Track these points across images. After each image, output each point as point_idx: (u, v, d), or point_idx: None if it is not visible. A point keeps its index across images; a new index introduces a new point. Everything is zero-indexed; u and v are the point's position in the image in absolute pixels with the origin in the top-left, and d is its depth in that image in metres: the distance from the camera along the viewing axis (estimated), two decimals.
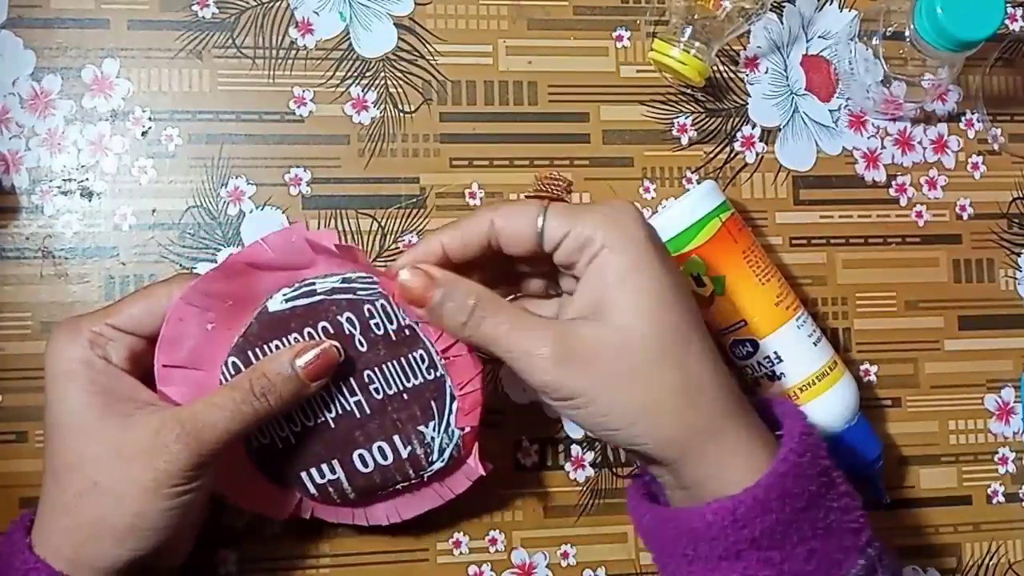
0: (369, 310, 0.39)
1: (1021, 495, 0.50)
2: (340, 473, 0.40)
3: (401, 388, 0.40)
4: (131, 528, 0.35)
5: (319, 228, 0.46)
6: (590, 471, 0.47)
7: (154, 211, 0.46)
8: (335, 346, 0.38)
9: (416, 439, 0.41)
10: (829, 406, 0.45)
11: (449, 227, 0.37)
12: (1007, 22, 0.52)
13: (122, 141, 0.46)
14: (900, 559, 0.49)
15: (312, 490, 0.41)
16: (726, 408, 0.35)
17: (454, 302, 0.35)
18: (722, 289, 0.45)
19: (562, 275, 0.38)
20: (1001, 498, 0.50)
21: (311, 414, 0.40)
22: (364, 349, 0.39)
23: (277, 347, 0.39)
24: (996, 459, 0.50)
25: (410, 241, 0.47)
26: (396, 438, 0.40)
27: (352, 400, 0.40)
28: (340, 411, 0.40)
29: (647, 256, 0.34)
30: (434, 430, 0.40)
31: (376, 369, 0.40)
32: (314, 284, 0.39)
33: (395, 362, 0.40)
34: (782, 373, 0.45)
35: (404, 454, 0.40)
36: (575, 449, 0.47)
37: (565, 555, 0.47)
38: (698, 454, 0.34)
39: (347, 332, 0.39)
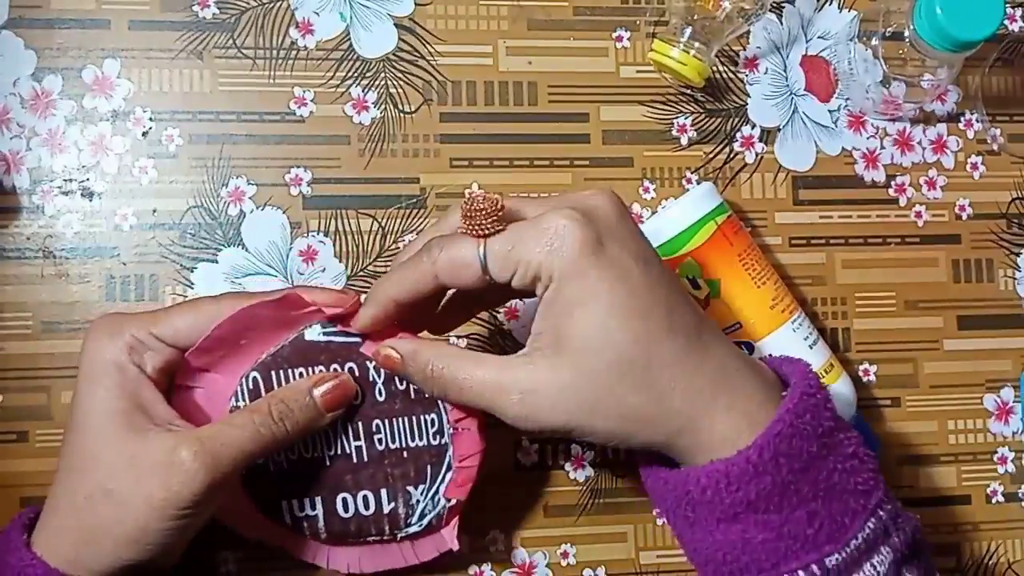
0: None
1: (1020, 495, 0.50)
2: (319, 511, 0.40)
3: (403, 445, 0.40)
4: (134, 540, 0.35)
5: (319, 229, 0.47)
6: (590, 471, 0.47)
7: (155, 211, 0.46)
8: (351, 381, 0.39)
9: (402, 498, 0.41)
10: None
11: (395, 279, 0.37)
12: (1006, 22, 0.52)
13: (123, 141, 0.46)
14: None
15: (288, 520, 0.40)
16: (699, 401, 0.34)
17: (419, 374, 0.37)
18: (717, 292, 0.45)
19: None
20: (1000, 498, 0.50)
21: (311, 447, 0.40)
22: (381, 399, 0.40)
23: (301, 374, 0.39)
24: (995, 459, 0.50)
25: (410, 241, 0.47)
26: (383, 491, 0.40)
27: (354, 444, 0.40)
28: (339, 451, 0.40)
29: (595, 279, 0.33)
30: (422, 494, 0.41)
31: (386, 420, 0.40)
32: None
33: (406, 419, 0.40)
34: None
35: (386, 509, 0.41)
36: (575, 449, 0.47)
37: (565, 554, 0.47)
38: (686, 438, 0.35)
39: (371, 379, 0.40)
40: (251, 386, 0.39)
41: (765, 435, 0.33)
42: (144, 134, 0.46)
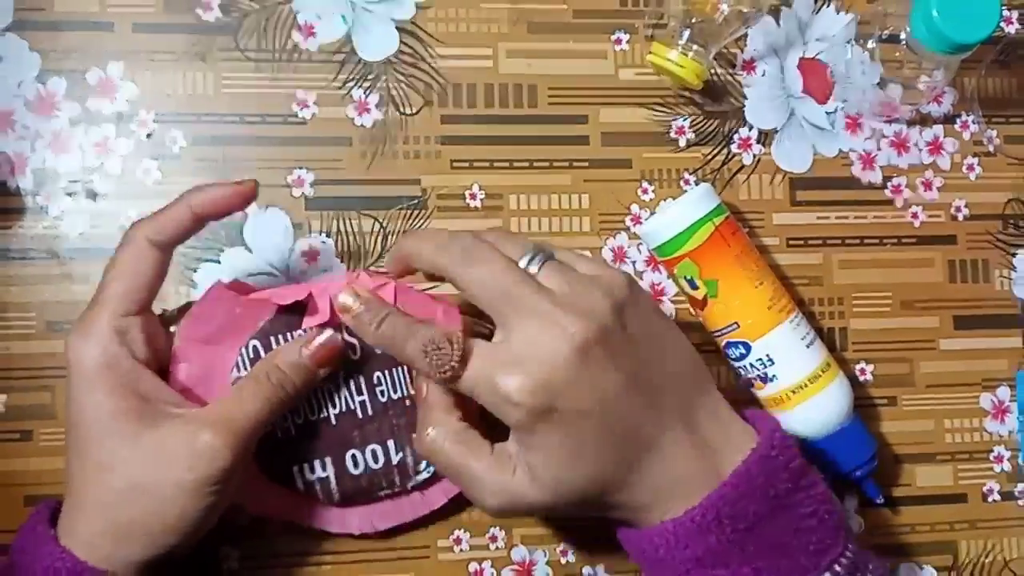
0: None
1: (1016, 493, 0.50)
2: (331, 472, 0.41)
3: (405, 394, 0.41)
4: (173, 527, 0.36)
5: (321, 230, 0.47)
6: None
7: None
8: (337, 335, 0.39)
9: (409, 447, 0.41)
10: (822, 407, 0.45)
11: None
12: (1002, 25, 0.53)
13: (127, 143, 0.46)
14: (892, 558, 0.49)
15: (300, 485, 0.41)
16: (659, 473, 0.36)
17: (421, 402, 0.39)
18: (715, 292, 0.45)
19: None
20: (996, 496, 0.50)
21: (316, 407, 0.41)
22: (379, 352, 0.40)
23: (300, 336, 0.40)
24: (991, 457, 0.51)
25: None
26: (391, 443, 0.41)
27: (358, 399, 0.41)
28: (344, 408, 0.41)
29: (549, 438, 0.35)
30: None
31: (386, 372, 0.41)
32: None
33: (404, 367, 0.41)
34: (774, 375, 0.45)
35: (395, 460, 0.41)
36: None
37: (564, 552, 0.47)
38: (643, 507, 0.37)
39: None
40: (251, 355, 0.40)
41: (710, 497, 0.35)
42: (148, 136, 0.46)
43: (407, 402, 0.41)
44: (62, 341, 0.44)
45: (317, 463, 0.41)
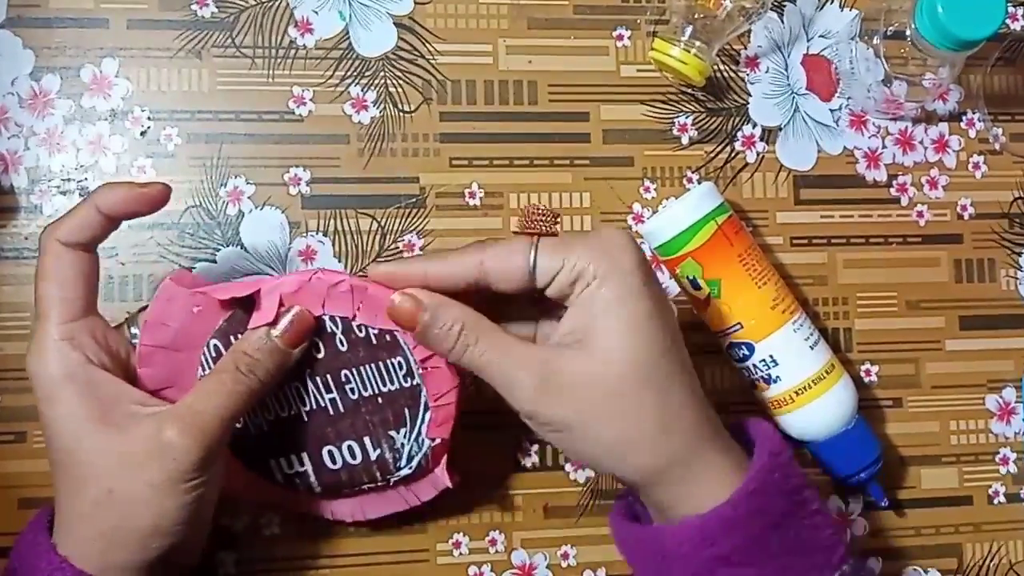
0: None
1: (1022, 495, 0.50)
2: (308, 466, 0.41)
3: (376, 392, 0.40)
4: (154, 529, 0.35)
5: (318, 229, 0.46)
6: (590, 472, 0.47)
7: None
8: (306, 311, 0.38)
9: (386, 443, 0.41)
10: (826, 409, 0.45)
11: (436, 258, 0.37)
12: (1008, 22, 0.52)
13: (121, 141, 0.46)
14: (901, 559, 0.49)
15: (279, 478, 0.41)
16: (700, 434, 0.36)
17: (439, 329, 0.36)
18: (718, 292, 0.44)
19: (545, 303, 0.38)
20: (1002, 498, 0.50)
21: (286, 405, 0.40)
22: (344, 349, 0.40)
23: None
24: (997, 459, 0.50)
25: (410, 241, 0.47)
26: (367, 439, 0.41)
27: (327, 397, 0.40)
28: (314, 406, 0.40)
29: (634, 287, 0.35)
30: (405, 437, 0.41)
31: (354, 370, 0.40)
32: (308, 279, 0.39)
33: (373, 365, 0.40)
34: (778, 376, 0.45)
35: (372, 456, 0.41)
36: None
37: (565, 556, 0.47)
38: (672, 479, 0.36)
39: (329, 330, 0.39)
40: (214, 354, 0.39)
41: (739, 492, 0.35)
42: (142, 133, 0.46)
43: (379, 400, 0.40)
44: None
45: (294, 458, 0.41)
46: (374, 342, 0.40)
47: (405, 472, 0.41)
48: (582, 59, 0.49)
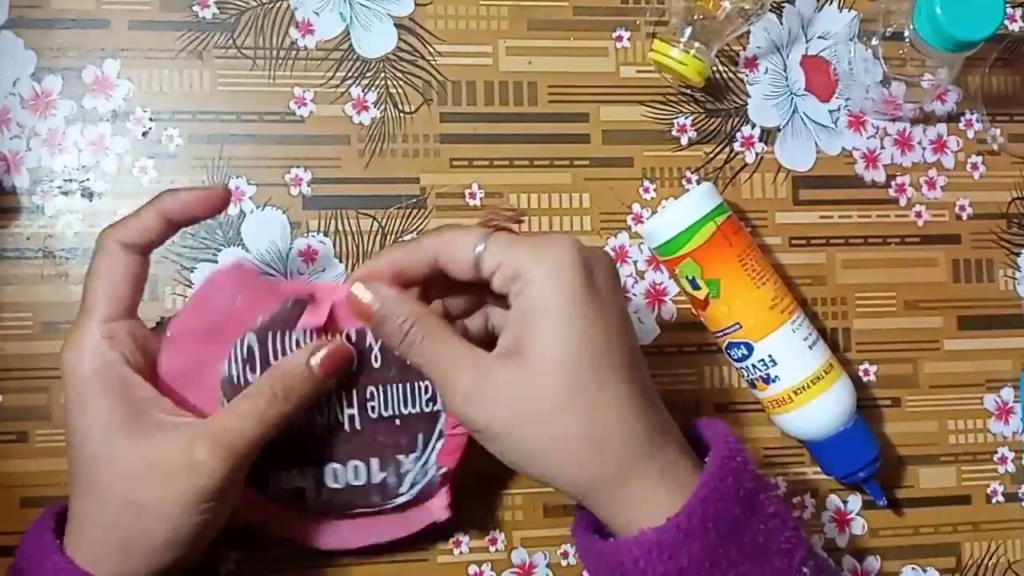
0: None
1: (1020, 495, 0.50)
2: (309, 483, 0.40)
3: (396, 413, 0.40)
4: (169, 542, 0.35)
5: (319, 229, 0.47)
6: None
7: None
8: (345, 343, 0.39)
9: (393, 467, 0.40)
10: (825, 408, 0.45)
11: (401, 248, 0.38)
12: (1006, 22, 0.52)
13: (123, 141, 0.46)
14: (901, 558, 0.49)
15: (276, 491, 0.40)
16: (639, 448, 0.35)
17: (389, 324, 0.36)
18: (717, 292, 0.45)
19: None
20: (1000, 498, 0.50)
21: (302, 416, 0.39)
22: (376, 366, 0.40)
23: (297, 342, 0.39)
24: (995, 459, 0.50)
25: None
26: (374, 461, 0.40)
27: (347, 412, 0.40)
28: (331, 420, 0.40)
29: (570, 295, 0.34)
30: (412, 462, 0.41)
31: (380, 387, 0.40)
32: None
33: (400, 386, 0.40)
34: (777, 376, 0.45)
35: (376, 479, 0.40)
36: None
37: (565, 555, 0.47)
38: (607, 493, 0.35)
39: (367, 344, 0.40)
40: (244, 352, 0.38)
41: (691, 500, 0.34)
42: (144, 134, 0.46)
43: (397, 422, 0.40)
44: (58, 342, 0.44)
45: (296, 472, 0.40)
46: (407, 363, 0.39)
47: (404, 498, 0.41)
48: (582, 60, 0.49)
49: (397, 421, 0.40)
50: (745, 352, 0.45)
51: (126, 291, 0.37)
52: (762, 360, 0.45)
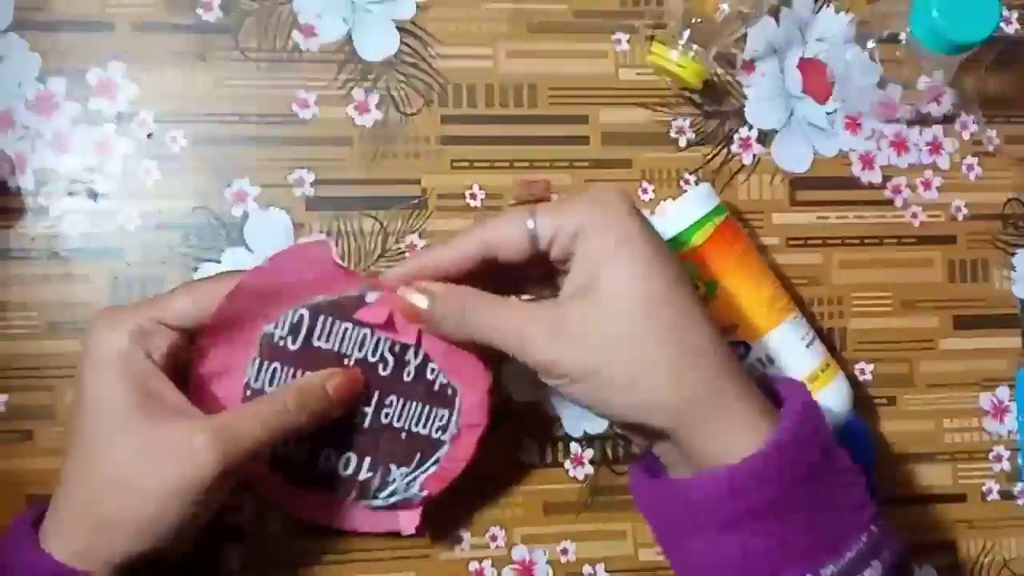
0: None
1: (1015, 493, 0.51)
2: (302, 456, 0.41)
3: (406, 427, 0.41)
4: (148, 529, 0.35)
5: (321, 229, 0.47)
6: (589, 468, 0.48)
7: (159, 212, 0.46)
8: (359, 375, 0.40)
9: (381, 472, 0.42)
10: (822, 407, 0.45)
11: (441, 247, 0.38)
12: (1002, 25, 0.53)
13: (127, 143, 0.46)
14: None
15: (271, 455, 0.41)
16: (725, 374, 0.35)
17: (446, 307, 0.37)
18: (715, 292, 0.45)
19: (559, 274, 0.39)
20: (996, 496, 0.50)
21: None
22: (407, 379, 0.41)
23: (346, 329, 0.40)
24: (991, 457, 0.51)
25: (412, 243, 0.47)
26: (367, 460, 0.41)
27: (363, 409, 0.41)
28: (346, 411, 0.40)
29: (632, 232, 0.35)
30: (401, 476, 0.42)
31: (401, 399, 0.41)
32: None
33: (420, 405, 0.41)
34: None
35: (362, 477, 0.41)
36: (574, 447, 0.48)
37: (565, 551, 0.47)
38: (698, 420, 0.34)
39: (407, 358, 0.41)
40: (295, 321, 0.40)
41: (770, 443, 0.34)
42: (148, 136, 0.46)
43: (403, 435, 0.41)
44: (64, 341, 0.45)
45: (293, 446, 0.41)
46: (435, 389, 0.41)
47: (378, 503, 0.42)
48: (581, 63, 0.49)
49: (403, 434, 0.41)
50: (742, 352, 0.46)
51: (197, 315, 0.38)
52: (759, 360, 0.45)
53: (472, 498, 0.46)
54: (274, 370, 0.40)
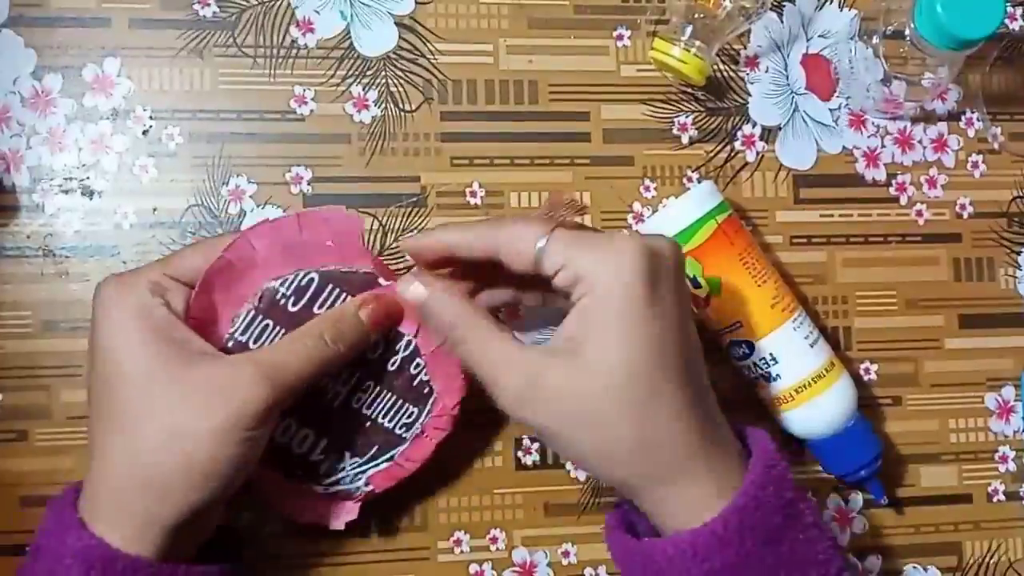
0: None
1: (1021, 493, 0.50)
2: None
3: (372, 417, 0.41)
4: (203, 472, 0.34)
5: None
6: None
7: (155, 210, 0.46)
8: (394, 299, 0.39)
9: (333, 458, 0.41)
10: (826, 407, 0.45)
11: (457, 230, 0.38)
12: (1007, 21, 0.52)
13: (123, 140, 0.46)
14: (900, 558, 0.49)
15: None
16: (688, 451, 0.35)
17: (436, 321, 0.37)
18: (718, 290, 0.45)
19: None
20: (1001, 496, 0.50)
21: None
22: (391, 369, 0.41)
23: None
24: (996, 457, 0.50)
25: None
26: (323, 442, 0.41)
27: (338, 387, 0.40)
28: (321, 384, 0.40)
29: (635, 305, 0.34)
30: (351, 467, 0.41)
31: (378, 388, 0.41)
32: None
33: (394, 398, 0.41)
34: (778, 375, 0.45)
35: (314, 458, 0.41)
36: None
37: (566, 553, 0.47)
38: (656, 493, 0.35)
39: (398, 347, 0.40)
40: (302, 283, 0.39)
41: (730, 508, 0.34)
42: (144, 132, 0.46)
43: (367, 424, 0.41)
44: (58, 340, 0.44)
45: None
46: (414, 384, 0.41)
47: (319, 489, 0.41)
48: (582, 59, 0.49)
49: (368, 423, 0.41)
50: (746, 351, 0.45)
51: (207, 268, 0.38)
52: (763, 359, 0.45)
53: (472, 499, 0.46)
54: (265, 326, 0.39)
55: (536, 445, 0.47)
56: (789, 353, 0.45)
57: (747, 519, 0.34)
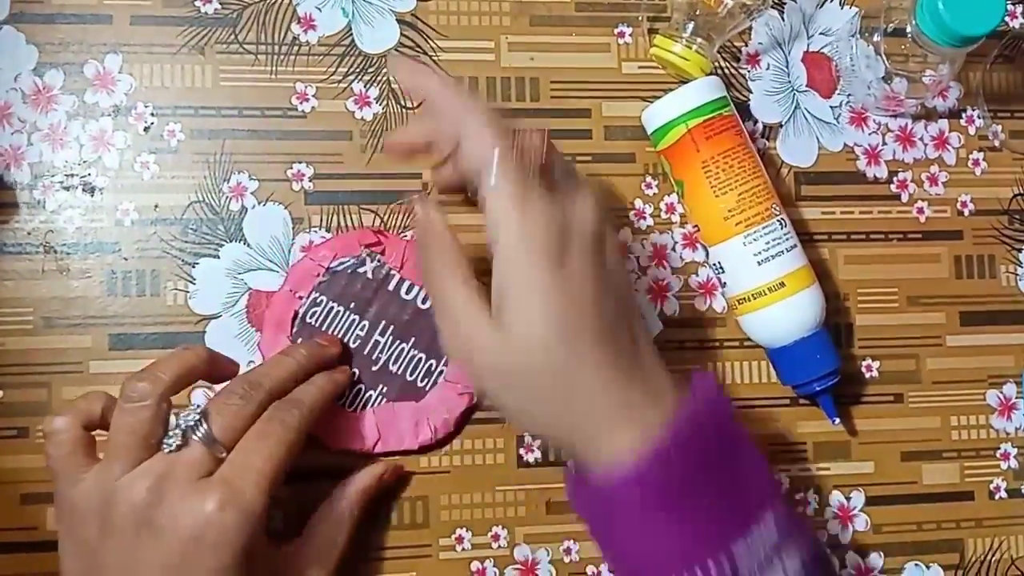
0: None
1: (1023, 490, 0.50)
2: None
3: (389, 363, 0.45)
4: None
5: (321, 224, 0.46)
6: None
7: (156, 206, 0.46)
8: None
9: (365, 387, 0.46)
10: (771, 321, 0.45)
11: (446, 86, 0.39)
12: (1007, 19, 0.52)
13: (124, 136, 0.46)
14: (905, 555, 0.49)
15: None
16: (611, 408, 0.36)
17: (420, 239, 0.39)
18: (682, 193, 0.47)
19: None
20: (1003, 494, 0.50)
21: (355, 325, 0.46)
22: (425, 335, 0.46)
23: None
24: (998, 455, 0.50)
25: (413, 237, 0.47)
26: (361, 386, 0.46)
27: (371, 334, 0.45)
28: (360, 333, 0.45)
29: (537, 276, 0.35)
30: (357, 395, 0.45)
31: (407, 345, 0.45)
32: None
33: (419, 354, 0.45)
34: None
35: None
36: None
37: (568, 551, 0.47)
38: (584, 448, 0.36)
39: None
40: (315, 302, 0.45)
41: (671, 428, 0.35)
42: (146, 129, 0.46)
43: (387, 369, 0.45)
44: (59, 337, 0.44)
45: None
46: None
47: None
48: (584, 56, 0.49)
49: (388, 369, 0.45)
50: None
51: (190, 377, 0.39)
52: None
53: (474, 497, 0.46)
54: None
55: (538, 442, 0.47)
56: (734, 266, 0.46)
57: (686, 443, 0.35)
